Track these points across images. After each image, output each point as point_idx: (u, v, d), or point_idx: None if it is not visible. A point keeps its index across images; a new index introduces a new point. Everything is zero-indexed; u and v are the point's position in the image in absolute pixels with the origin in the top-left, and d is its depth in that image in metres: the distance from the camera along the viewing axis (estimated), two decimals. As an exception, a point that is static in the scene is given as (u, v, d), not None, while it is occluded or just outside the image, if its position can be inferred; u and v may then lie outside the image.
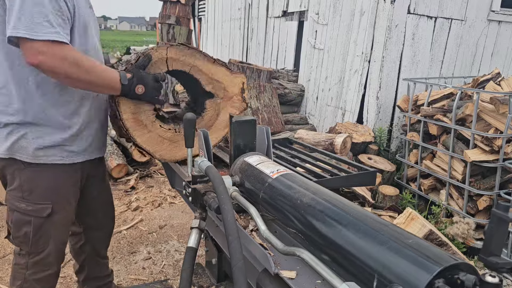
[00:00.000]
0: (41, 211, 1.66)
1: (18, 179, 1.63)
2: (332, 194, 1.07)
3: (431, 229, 2.74)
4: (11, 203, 1.67)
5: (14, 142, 1.57)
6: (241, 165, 1.32)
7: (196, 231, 1.19)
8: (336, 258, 0.93)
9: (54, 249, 1.74)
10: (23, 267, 1.73)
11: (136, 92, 1.59)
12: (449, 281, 0.74)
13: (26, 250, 1.71)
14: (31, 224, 1.66)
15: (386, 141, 4.61)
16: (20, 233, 1.68)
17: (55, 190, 1.68)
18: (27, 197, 1.63)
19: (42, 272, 1.75)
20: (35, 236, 1.68)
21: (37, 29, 1.33)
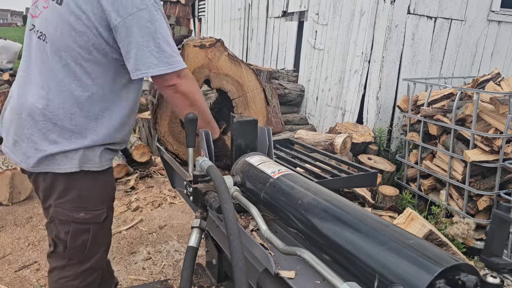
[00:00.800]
0: (98, 217, 1.66)
1: (75, 189, 1.59)
2: (333, 194, 1.07)
3: (431, 229, 2.74)
4: (65, 215, 1.62)
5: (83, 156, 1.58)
6: (243, 165, 1.32)
7: (197, 231, 1.20)
8: (337, 258, 0.93)
9: (103, 251, 1.76)
10: (71, 278, 1.70)
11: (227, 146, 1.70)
12: (450, 281, 0.74)
13: (78, 259, 1.69)
14: (89, 232, 1.64)
15: (386, 141, 4.61)
16: (77, 242, 1.65)
17: (107, 194, 1.70)
18: (86, 205, 1.62)
19: (90, 276, 1.74)
20: (91, 243, 1.67)
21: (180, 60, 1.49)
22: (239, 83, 1.88)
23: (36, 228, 3.47)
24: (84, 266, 1.70)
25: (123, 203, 4.02)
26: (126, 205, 3.97)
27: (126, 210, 3.88)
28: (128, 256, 3.13)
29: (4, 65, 9.63)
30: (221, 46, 1.78)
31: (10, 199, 3.85)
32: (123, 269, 2.97)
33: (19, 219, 3.61)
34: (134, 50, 1.40)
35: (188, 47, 1.73)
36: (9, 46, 10.13)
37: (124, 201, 4.07)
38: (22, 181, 3.89)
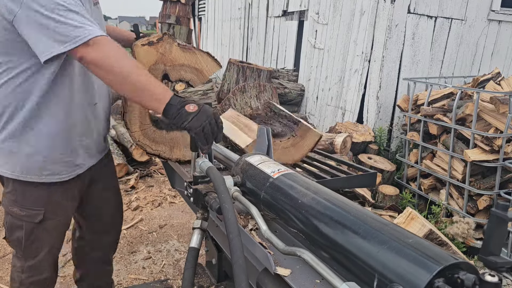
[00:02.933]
0: (33, 217, 1.62)
1: (12, 184, 1.59)
2: (333, 193, 1.07)
3: (431, 229, 2.75)
4: (5, 206, 1.65)
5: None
6: (242, 165, 1.32)
7: (198, 232, 1.20)
8: (336, 258, 0.93)
9: (47, 255, 1.72)
10: (19, 270, 1.72)
11: (187, 110, 1.31)
12: (449, 280, 0.74)
13: (20, 253, 1.70)
14: (23, 229, 1.63)
15: (386, 140, 4.62)
16: (13, 237, 1.66)
17: (48, 199, 1.64)
18: (20, 202, 1.60)
19: (37, 276, 1.73)
20: (27, 241, 1.65)
21: (95, 28, 1.33)
22: (198, 70, 1.84)
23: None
24: (28, 263, 1.70)
25: (123, 203, 4.02)
26: (126, 205, 3.97)
27: (126, 210, 3.88)
28: (128, 256, 3.13)
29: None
30: (169, 38, 1.75)
31: (11, 199, 3.85)
32: (123, 268, 2.98)
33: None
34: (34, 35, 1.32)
35: (136, 47, 1.70)
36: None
37: (124, 201, 4.06)
38: (22, 180, 3.90)
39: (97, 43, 1.31)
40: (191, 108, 1.31)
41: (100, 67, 1.33)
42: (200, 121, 1.29)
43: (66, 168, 1.63)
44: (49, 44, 1.30)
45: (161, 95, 1.34)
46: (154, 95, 1.35)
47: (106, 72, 1.33)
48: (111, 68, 1.32)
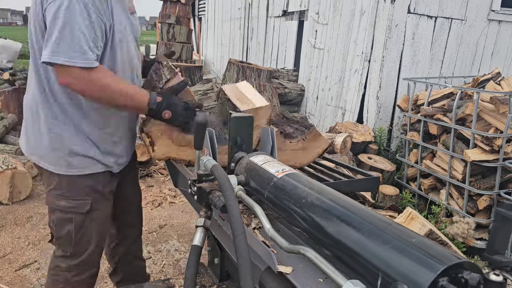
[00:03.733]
0: (81, 207, 1.67)
1: (57, 178, 1.65)
2: (337, 193, 1.07)
3: (431, 229, 2.75)
4: (51, 203, 1.69)
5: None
6: (247, 165, 1.32)
7: (201, 230, 1.20)
8: (340, 256, 0.94)
9: (95, 247, 1.76)
10: (65, 269, 1.74)
11: (163, 117, 1.62)
12: (453, 279, 0.74)
13: (70, 251, 1.72)
14: (73, 222, 1.67)
15: (386, 140, 4.62)
16: (63, 232, 1.69)
17: (93, 188, 1.70)
18: (66, 194, 1.66)
19: (86, 271, 1.76)
20: (77, 234, 1.69)
21: (74, 56, 1.40)
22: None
23: (36, 228, 3.47)
24: (77, 260, 1.73)
25: (124, 202, 4.02)
26: (126, 204, 3.97)
27: (126, 209, 3.88)
28: (128, 255, 3.13)
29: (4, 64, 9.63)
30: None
31: (11, 199, 3.85)
32: (124, 268, 2.97)
33: (19, 219, 3.61)
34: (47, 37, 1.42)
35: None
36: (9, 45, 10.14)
37: (124, 200, 4.07)
38: (22, 180, 3.90)
39: (80, 75, 1.43)
40: (166, 116, 1.62)
41: (86, 97, 1.52)
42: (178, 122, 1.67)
43: (116, 159, 1.74)
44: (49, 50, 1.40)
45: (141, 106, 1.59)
46: (136, 107, 1.62)
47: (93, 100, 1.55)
48: (97, 99, 1.53)
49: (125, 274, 2.20)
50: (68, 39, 1.39)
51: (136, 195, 2.13)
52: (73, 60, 1.39)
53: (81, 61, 1.41)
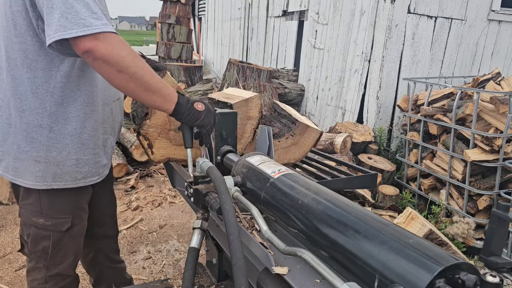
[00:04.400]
0: (60, 226, 1.57)
1: (35, 194, 1.52)
2: (334, 194, 1.07)
3: (431, 229, 2.75)
4: (26, 218, 1.57)
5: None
6: (243, 165, 1.32)
7: (198, 232, 1.20)
8: (337, 258, 0.93)
9: (72, 260, 1.69)
10: (42, 281, 1.65)
11: (196, 107, 1.35)
12: (450, 280, 0.74)
13: (44, 264, 1.62)
14: (50, 239, 1.57)
15: (386, 140, 4.62)
16: (38, 248, 1.59)
17: (74, 205, 1.60)
18: (46, 211, 1.54)
19: (62, 281, 1.69)
20: (53, 250, 1.60)
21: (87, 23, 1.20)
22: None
23: (36, 228, 3.47)
24: (52, 272, 1.64)
25: (123, 203, 4.02)
26: (126, 205, 3.97)
27: (126, 210, 3.88)
28: (128, 256, 3.13)
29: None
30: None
31: (11, 199, 3.85)
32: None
33: (19, 219, 3.61)
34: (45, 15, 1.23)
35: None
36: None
37: (124, 201, 4.07)
38: (22, 180, 3.90)
39: (108, 38, 1.21)
40: (199, 106, 1.35)
41: (111, 64, 1.22)
42: (210, 120, 1.38)
43: (97, 170, 1.60)
44: (55, 29, 1.20)
45: (170, 96, 1.33)
46: (165, 95, 1.32)
47: (117, 71, 1.23)
48: (125, 67, 1.23)
49: (109, 280, 2.14)
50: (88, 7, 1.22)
51: (110, 206, 2.01)
52: (102, 27, 1.21)
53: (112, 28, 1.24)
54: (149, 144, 1.73)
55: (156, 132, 1.74)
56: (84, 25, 1.19)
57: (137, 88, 1.28)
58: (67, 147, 1.47)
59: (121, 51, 1.22)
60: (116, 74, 1.24)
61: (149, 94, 1.30)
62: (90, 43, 1.19)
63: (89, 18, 1.20)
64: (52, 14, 1.21)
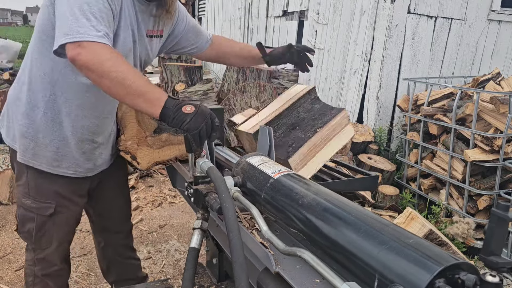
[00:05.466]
0: (43, 210, 1.67)
1: (25, 176, 1.66)
2: (334, 194, 1.07)
3: (431, 229, 2.74)
4: (18, 198, 1.71)
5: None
6: (243, 166, 1.32)
7: (198, 232, 1.20)
8: (337, 258, 0.93)
9: (56, 248, 1.76)
10: (31, 263, 1.77)
11: (183, 111, 1.29)
12: (449, 280, 0.74)
13: (32, 246, 1.75)
14: (34, 222, 1.69)
15: (386, 140, 4.62)
16: (24, 228, 1.72)
17: (59, 193, 1.69)
18: (32, 193, 1.66)
19: (48, 268, 1.77)
20: (37, 233, 1.70)
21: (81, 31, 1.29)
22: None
23: (36, 228, 3.47)
24: (39, 255, 1.75)
25: (124, 203, 4.02)
26: (126, 205, 3.97)
27: (126, 210, 3.88)
28: (128, 256, 3.13)
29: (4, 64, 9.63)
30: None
31: (11, 199, 3.85)
32: (123, 268, 2.97)
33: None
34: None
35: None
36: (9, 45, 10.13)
37: (124, 201, 4.07)
38: (22, 180, 3.90)
39: (91, 46, 1.28)
40: (187, 109, 1.29)
41: (92, 70, 1.28)
42: (198, 123, 1.28)
43: (75, 167, 1.69)
44: (59, 35, 1.31)
45: (157, 100, 1.31)
46: (150, 99, 1.31)
47: (98, 76, 1.28)
48: (105, 72, 1.27)
49: (119, 274, 2.19)
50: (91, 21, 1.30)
51: (117, 201, 2.04)
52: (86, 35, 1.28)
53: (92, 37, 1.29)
54: (132, 156, 1.76)
55: (135, 143, 1.76)
56: (78, 32, 1.28)
57: (120, 93, 1.31)
58: (52, 134, 1.59)
59: (101, 57, 1.28)
60: (99, 80, 1.29)
61: (132, 98, 1.31)
62: (73, 51, 1.28)
63: (82, 28, 1.29)
64: (58, 21, 1.34)
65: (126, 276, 2.20)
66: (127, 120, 1.75)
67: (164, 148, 1.83)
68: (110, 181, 1.93)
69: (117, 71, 1.28)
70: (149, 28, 1.66)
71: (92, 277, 2.84)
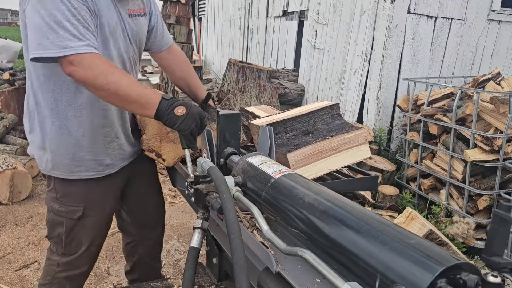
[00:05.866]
0: (71, 213, 1.69)
1: (52, 181, 1.68)
2: (334, 194, 1.07)
3: (431, 229, 2.74)
4: (47, 203, 1.73)
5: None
6: (244, 166, 1.32)
7: (199, 231, 1.20)
8: (338, 258, 0.93)
9: (85, 250, 1.77)
10: (54, 264, 1.77)
11: (175, 113, 1.39)
12: (451, 281, 0.74)
13: (60, 251, 1.75)
14: (63, 226, 1.70)
15: (386, 140, 4.62)
16: (54, 233, 1.73)
17: (88, 196, 1.70)
18: (60, 198, 1.68)
19: (72, 271, 1.78)
20: (67, 237, 1.72)
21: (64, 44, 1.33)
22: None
23: (36, 228, 3.47)
24: (66, 259, 1.76)
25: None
26: (126, 205, 3.97)
27: (126, 210, 3.88)
28: (128, 256, 3.13)
29: (4, 64, 9.62)
30: None
31: (10, 199, 3.85)
32: (123, 268, 2.97)
33: (19, 219, 3.61)
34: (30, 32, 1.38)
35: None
36: (9, 45, 10.12)
37: (124, 201, 4.07)
38: (22, 180, 3.90)
39: (82, 62, 1.34)
40: (179, 111, 1.40)
41: (88, 84, 1.38)
42: (188, 125, 1.40)
43: (96, 167, 1.69)
44: (36, 45, 1.34)
45: (150, 104, 1.41)
46: (144, 104, 1.41)
47: (95, 89, 1.39)
48: (99, 86, 1.36)
49: (141, 274, 2.20)
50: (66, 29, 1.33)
51: (151, 195, 2.07)
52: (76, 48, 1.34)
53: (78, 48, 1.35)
54: (156, 154, 1.76)
55: (158, 141, 1.75)
56: (61, 47, 1.32)
57: (116, 101, 1.43)
58: (64, 142, 1.60)
59: (93, 72, 1.36)
60: (95, 92, 1.40)
61: (128, 104, 1.43)
62: (68, 69, 1.35)
63: (66, 41, 1.33)
64: (33, 32, 1.35)
65: (148, 277, 2.18)
66: (146, 119, 1.75)
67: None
68: (140, 177, 1.95)
69: (109, 83, 1.36)
70: (130, 8, 1.66)
71: (92, 277, 2.84)
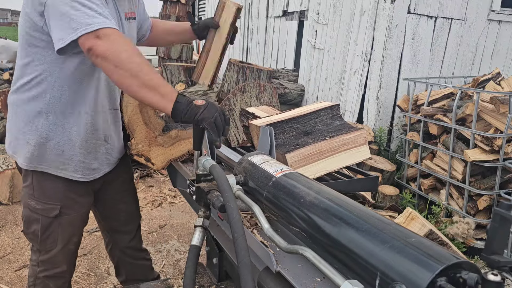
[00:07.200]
0: (48, 211, 1.66)
1: (30, 177, 1.65)
2: (335, 193, 1.07)
3: (431, 229, 2.74)
4: (23, 199, 1.71)
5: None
6: (245, 165, 1.32)
7: (200, 230, 1.20)
8: (338, 256, 0.94)
9: (61, 250, 1.75)
10: (35, 264, 1.76)
11: (196, 103, 1.29)
12: (451, 279, 0.74)
13: (37, 247, 1.74)
14: (39, 223, 1.67)
15: (386, 140, 4.62)
16: (30, 230, 1.71)
17: (64, 194, 1.68)
18: (36, 195, 1.65)
19: (52, 270, 1.76)
20: (43, 234, 1.70)
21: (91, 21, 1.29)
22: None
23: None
24: (44, 256, 1.74)
25: (124, 203, 4.02)
26: (126, 205, 3.97)
27: (126, 210, 3.88)
28: (128, 255, 3.13)
29: (4, 64, 9.61)
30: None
31: (11, 199, 3.85)
32: (123, 268, 2.97)
33: (19, 219, 3.61)
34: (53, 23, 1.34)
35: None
36: (9, 45, 10.11)
37: (124, 201, 4.07)
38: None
39: (107, 35, 1.29)
40: (199, 102, 1.30)
41: (109, 60, 1.28)
42: (212, 113, 1.27)
43: (83, 170, 1.67)
44: (64, 31, 1.30)
45: (169, 95, 1.31)
46: (163, 94, 1.31)
47: (115, 66, 1.28)
48: (121, 62, 1.28)
49: (128, 274, 2.19)
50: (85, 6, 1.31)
51: (123, 202, 2.03)
52: (101, 23, 1.29)
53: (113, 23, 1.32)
54: (145, 158, 1.76)
55: (146, 145, 1.75)
56: (87, 24, 1.28)
57: (134, 84, 1.30)
58: (56, 137, 1.58)
59: (119, 47, 1.29)
60: (114, 69, 1.29)
61: (146, 91, 1.31)
62: (91, 42, 1.28)
63: (92, 18, 1.29)
64: (62, 19, 1.31)
65: (136, 276, 2.18)
66: (134, 124, 1.74)
67: (176, 145, 1.84)
68: (115, 183, 1.91)
69: (132, 62, 1.29)
70: (126, 11, 1.64)
71: (92, 277, 2.84)
